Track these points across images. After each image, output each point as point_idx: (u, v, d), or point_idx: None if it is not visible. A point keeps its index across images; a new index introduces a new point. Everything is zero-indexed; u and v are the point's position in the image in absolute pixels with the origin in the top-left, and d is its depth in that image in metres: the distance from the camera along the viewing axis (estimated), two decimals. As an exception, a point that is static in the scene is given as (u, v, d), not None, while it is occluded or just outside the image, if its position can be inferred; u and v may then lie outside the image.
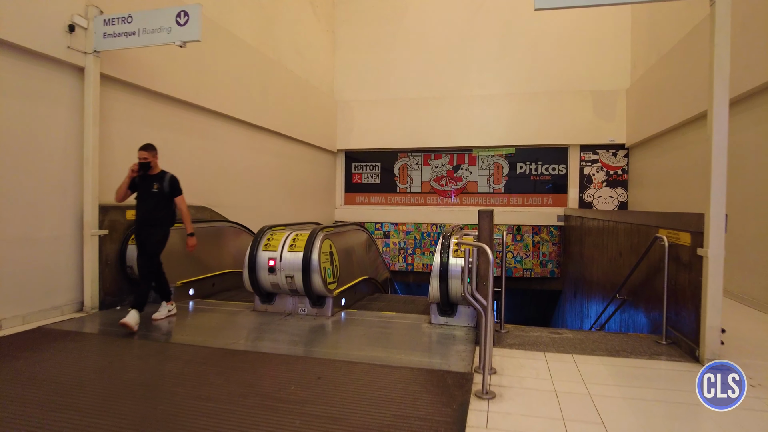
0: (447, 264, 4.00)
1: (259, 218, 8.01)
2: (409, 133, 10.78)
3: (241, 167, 7.52)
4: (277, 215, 8.62)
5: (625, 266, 5.24)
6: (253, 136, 7.83)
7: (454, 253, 4.07)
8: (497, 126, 10.32)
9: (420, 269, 10.77)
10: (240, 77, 7.27)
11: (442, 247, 4.11)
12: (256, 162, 7.97)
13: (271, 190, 8.47)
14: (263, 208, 8.16)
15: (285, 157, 8.98)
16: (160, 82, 5.56)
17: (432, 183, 10.98)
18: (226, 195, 7.10)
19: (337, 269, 4.68)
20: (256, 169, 7.97)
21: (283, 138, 8.81)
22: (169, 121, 5.91)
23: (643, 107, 8.98)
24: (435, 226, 10.66)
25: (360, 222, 10.83)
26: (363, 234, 6.24)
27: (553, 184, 10.31)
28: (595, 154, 10.00)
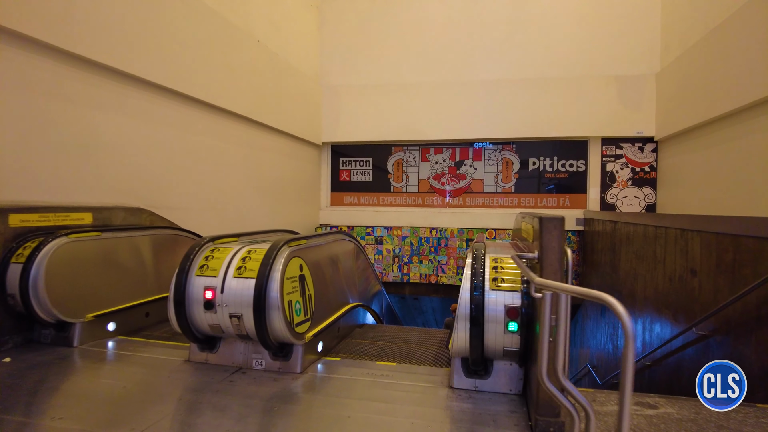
0: (482, 300, 2.57)
1: (222, 223, 6.52)
2: (404, 124, 9.36)
3: (198, 159, 6.02)
4: (246, 219, 7.14)
5: (705, 290, 3.87)
6: (215, 121, 6.34)
7: (494, 283, 2.64)
8: (506, 116, 8.95)
9: (417, 280, 9.36)
10: (196, 45, 5.78)
11: (474, 273, 2.67)
12: (218, 153, 6.48)
13: (238, 188, 6.98)
14: (227, 210, 6.67)
15: (257, 148, 7.50)
16: (72, 37, 4.06)
17: (431, 181, 9.58)
18: (175, 194, 5.61)
19: (310, 301, 3.23)
20: (218, 162, 6.49)
21: (254, 125, 7.32)
22: (89, 93, 4.41)
23: (677, 94, 7.67)
24: (435, 230, 9.26)
25: (347, 227, 9.37)
26: (349, 244, 4.79)
27: (556, 184, 8.97)
28: (618, 148, 8.68)
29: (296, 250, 3.15)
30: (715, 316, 3.52)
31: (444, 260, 9.20)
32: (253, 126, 7.31)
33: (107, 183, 4.65)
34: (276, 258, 2.91)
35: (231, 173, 6.81)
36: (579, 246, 8.74)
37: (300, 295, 3.08)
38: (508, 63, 9.01)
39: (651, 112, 8.33)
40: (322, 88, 9.73)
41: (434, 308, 11.07)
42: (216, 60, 6.24)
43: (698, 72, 7.01)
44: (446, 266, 9.19)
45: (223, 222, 6.53)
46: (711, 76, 6.65)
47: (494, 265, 2.74)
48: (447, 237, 9.18)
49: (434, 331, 4.85)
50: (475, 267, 2.70)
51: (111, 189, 4.71)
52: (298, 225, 9.07)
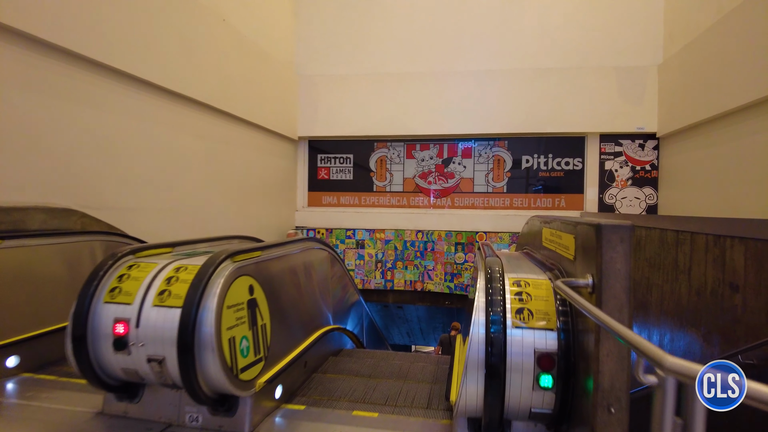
0: (504, 341, 1.80)
1: (178, 227, 5.65)
2: (388, 117, 8.61)
3: (147, 151, 5.15)
4: (208, 222, 6.28)
5: (752, 310, 3.20)
6: (169, 108, 5.48)
7: (519, 316, 1.87)
8: (498, 110, 8.28)
9: (402, 287, 8.61)
10: (142, 15, 4.91)
11: (490, 300, 1.91)
12: (174, 145, 5.61)
13: (198, 186, 6.12)
14: (184, 211, 5.80)
15: (222, 141, 6.64)
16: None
17: (417, 180, 8.84)
18: (117, 192, 4.73)
19: (264, 334, 2.43)
20: (174, 156, 5.62)
21: (218, 115, 6.47)
22: None
23: (682, 88, 7.11)
24: (421, 233, 8.52)
25: (326, 230, 8.56)
26: (320, 253, 4.00)
27: (551, 184, 8.34)
28: (618, 145, 8.09)
29: (244, 266, 2.35)
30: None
31: (431, 266, 8.48)
32: (217, 116, 6.46)
33: (22, 176, 3.77)
34: (212, 278, 2.10)
35: (190, 169, 5.94)
36: (575, 250, 8.10)
37: (249, 328, 2.28)
38: (501, 52, 8.34)
39: (653, 107, 7.76)
40: (299, 78, 8.91)
41: (420, 317, 10.34)
42: (171, 36, 5.37)
43: (706, 63, 6.44)
44: (433, 272, 8.47)
45: (179, 226, 5.66)
46: (720, 67, 6.08)
47: (517, 290, 1.98)
48: (434, 240, 8.46)
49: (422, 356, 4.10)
50: (492, 292, 1.94)
51: (28, 184, 3.83)
52: (271, 228, 8.23)
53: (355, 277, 8.70)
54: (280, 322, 2.66)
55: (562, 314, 1.83)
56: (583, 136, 8.23)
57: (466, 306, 5.40)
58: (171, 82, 5.37)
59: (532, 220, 3.25)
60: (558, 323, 1.81)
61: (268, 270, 2.64)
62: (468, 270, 8.30)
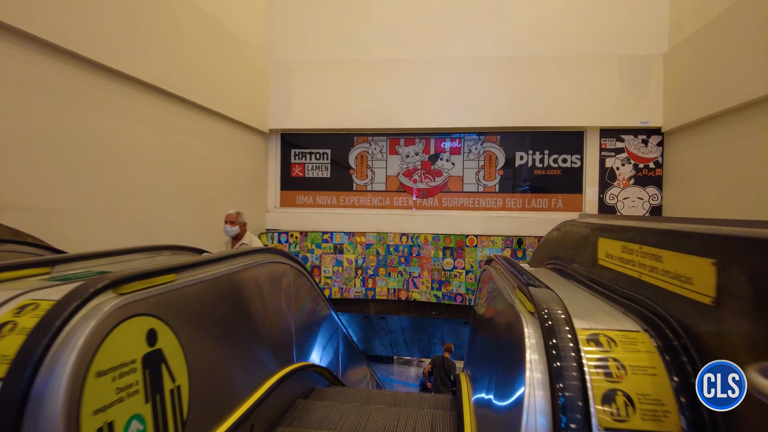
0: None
1: (120, 232, 4.72)
2: (370, 109, 7.79)
3: (73, 138, 4.21)
4: (160, 225, 5.35)
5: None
6: (107, 89, 4.54)
7: (609, 408, 1.02)
8: (490, 101, 7.54)
9: (384, 296, 7.79)
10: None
11: (556, 374, 1.05)
12: (113, 133, 4.68)
13: (146, 182, 5.19)
14: (128, 213, 4.87)
15: (178, 131, 5.73)
16: None
17: (401, 178, 8.04)
18: (31, 188, 3.79)
19: (177, 401, 1.58)
20: (113, 146, 4.69)
21: (174, 101, 5.56)
22: None
23: (690, 78, 6.49)
24: (405, 236, 7.73)
25: (300, 233, 7.69)
26: (280, 267, 3.15)
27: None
28: (619, 141, 7.44)
29: (140, 301, 1.49)
30: None
31: (416, 272, 7.69)
32: (172, 102, 5.54)
33: None
34: (71, 323, 1.25)
35: (137, 162, 5.01)
36: (574, 255, 7.43)
37: (146, 400, 1.43)
38: (494, 38, 7.61)
39: (658, 99, 7.13)
40: (271, 64, 8.01)
41: (404, 328, 9.54)
42: (112, 4, 4.44)
43: (717, 52, 5.82)
44: (419, 279, 7.68)
45: (119, 231, 4.73)
46: (733, 56, 5.46)
47: (599, 353, 1.15)
48: (420, 245, 7.67)
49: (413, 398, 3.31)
50: (558, 357, 1.11)
51: None
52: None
53: (333, 286, 7.85)
54: (209, 377, 1.82)
55: (689, 406, 1.02)
56: (581, 131, 7.56)
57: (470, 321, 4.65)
58: (109, 58, 4.45)
59: (569, 225, 2.47)
60: (683, 421, 1.00)
61: (188, 302, 1.79)
62: (458, 277, 7.54)
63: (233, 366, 2.13)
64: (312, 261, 7.85)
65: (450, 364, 7.92)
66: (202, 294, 1.97)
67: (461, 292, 7.50)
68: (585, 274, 2.06)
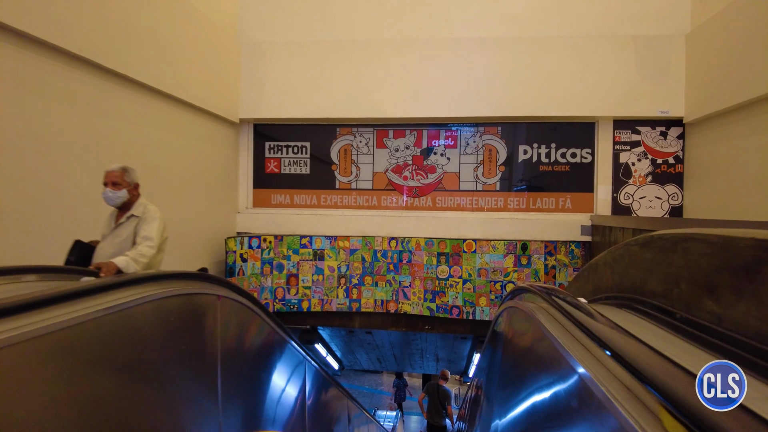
0: None
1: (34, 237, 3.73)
2: (355, 96, 6.87)
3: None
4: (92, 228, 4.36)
5: None
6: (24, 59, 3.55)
7: None
8: (490, 88, 6.66)
9: (371, 308, 6.86)
10: None
11: None
12: (29, 116, 3.69)
13: (76, 177, 4.20)
14: (46, 214, 3.86)
15: (126, 118, 4.76)
16: None
17: (390, 175, 7.12)
18: None
19: None
20: (30, 133, 3.69)
21: (116, 81, 4.58)
22: None
23: (716, 63, 5.70)
24: (395, 241, 6.81)
25: (275, 237, 6.73)
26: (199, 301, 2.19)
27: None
28: (635, 133, 6.62)
29: None
30: None
31: (407, 282, 6.77)
32: (113, 81, 4.57)
33: None
34: None
35: (60, 152, 4.03)
36: (584, 262, 6.58)
37: None
38: (494, 16, 6.73)
39: (679, 86, 6.31)
40: (242, 46, 7.05)
41: (393, 342, 8.61)
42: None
43: (748, 31, 5.03)
44: (409, 289, 6.76)
45: (38, 235, 3.73)
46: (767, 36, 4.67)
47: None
48: (411, 250, 6.76)
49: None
50: None
51: None
52: (203, 236, 6.35)
53: (312, 297, 6.90)
54: None
55: None
56: (593, 122, 6.72)
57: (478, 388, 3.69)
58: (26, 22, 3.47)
59: (687, 239, 1.52)
60: None
61: None
62: (454, 287, 6.63)
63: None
64: (288, 269, 6.88)
65: (445, 393, 7.06)
66: (27, 361, 1.04)
67: (458, 303, 6.59)
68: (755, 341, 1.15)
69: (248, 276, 6.69)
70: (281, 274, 6.87)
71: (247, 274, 6.68)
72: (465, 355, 8.61)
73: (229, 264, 6.47)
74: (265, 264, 6.82)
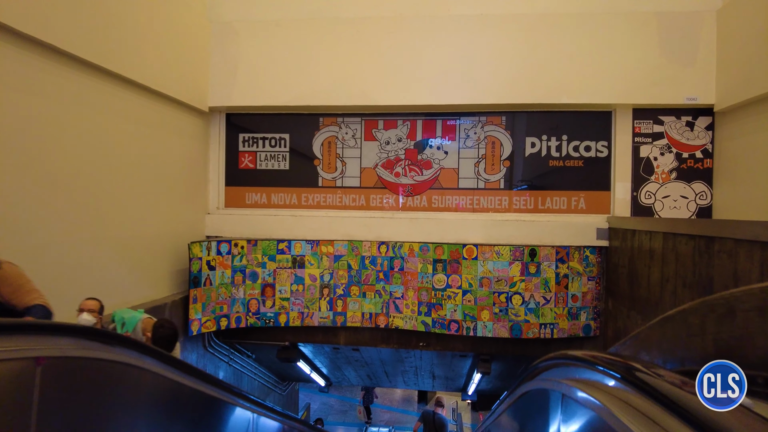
0: None
1: None
2: (340, 81, 6.04)
3: None
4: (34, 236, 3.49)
5: None
6: None
7: None
8: (493, 72, 5.86)
9: (358, 322, 6.02)
10: None
11: None
12: None
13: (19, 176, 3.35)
14: None
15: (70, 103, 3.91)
16: None
17: (380, 171, 6.30)
18: None
19: None
20: None
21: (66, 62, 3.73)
22: None
23: (752, 42, 4.93)
24: (385, 246, 5.98)
25: (248, 241, 5.90)
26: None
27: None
28: (658, 123, 5.83)
29: None
30: None
31: (399, 292, 5.94)
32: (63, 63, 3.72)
33: None
34: None
35: None
36: (600, 270, 5.78)
37: None
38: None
39: (709, 69, 5.53)
40: (212, 24, 6.20)
41: (384, 360, 7.74)
42: None
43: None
44: (402, 301, 5.93)
45: None
46: None
47: None
48: (403, 257, 5.93)
49: None
50: None
51: None
52: (166, 241, 5.49)
53: (291, 310, 6.05)
54: None
55: None
56: (609, 111, 5.93)
57: None
58: None
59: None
60: None
61: None
62: (452, 298, 5.80)
63: None
64: (264, 278, 6.03)
65: (441, 422, 6.27)
66: None
67: (456, 318, 5.76)
68: None
69: (216, 286, 5.82)
70: (255, 284, 6.01)
71: (215, 284, 5.81)
72: (464, 373, 7.79)
73: (193, 273, 5.60)
74: (237, 272, 5.96)
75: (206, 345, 6.12)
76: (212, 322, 5.82)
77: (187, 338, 5.63)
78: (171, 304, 5.39)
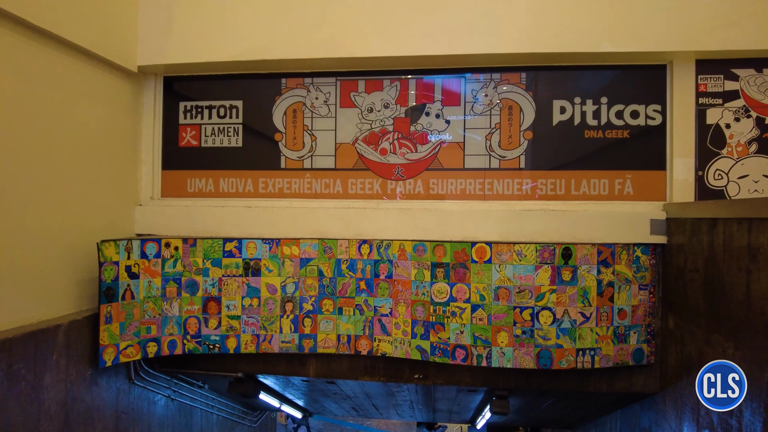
0: None
1: None
2: (306, 26, 4.57)
3: None
4: None
5: None
6: None
7: None
8: (509, 12, 4.40)
9: (332, 348, 4.51)
10: None
11: None
12: None
13: None
14: None
15: None
16: None
17: (360, 147, 4.82)
18: None
19: None
20: None
21: None
22: None
23: None
24: (367, 245, 4.49)
25: (185, 241, 4.38)
26: None
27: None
28: (731, 78, 4.37)
29: None
30: None
31: (386, 307, 4.44)
32: None
33: None
34: None
35: None
36: (655, 276, 4.29)
37: None
38: None
39: (803, 2, 4.08)
40: (142, -41, 4.75)
41: (369, 393, 6.20)
42: None
43: None
44: (390, 319, 4.43)
45: None
46: None
47: None
48: (392, 260, 4.44)
49: None
50: None
51: None
52: (69, 241, 3.99)
53: (241, 332, 4.54)
54: None
55: None
56: (664, 64, 4.46)
57: None
58: None
59: None
60: None
61: None
62: (457, 315, 4.30)
63: None
64: (206, 289, 4.53)
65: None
66: None
67: (464, 342, 4.25)
68: None
69: (141, 300, 4.32)
70: (194, 297, 4.51)
71: (138, 297, 4.30)
72: (473, 407, 6.26)
73: (105, 282, 4.10)
74: (169, 282, 4.46)
75: (132, 376, 4.60)
76: (135, 348, 4.31)
77: (97, 371, 4.12)
78: (68, 327, 3.87)
